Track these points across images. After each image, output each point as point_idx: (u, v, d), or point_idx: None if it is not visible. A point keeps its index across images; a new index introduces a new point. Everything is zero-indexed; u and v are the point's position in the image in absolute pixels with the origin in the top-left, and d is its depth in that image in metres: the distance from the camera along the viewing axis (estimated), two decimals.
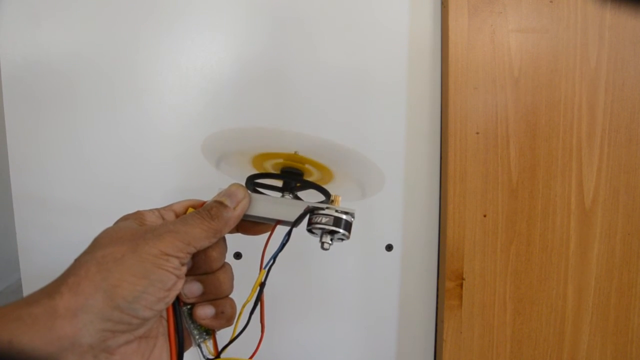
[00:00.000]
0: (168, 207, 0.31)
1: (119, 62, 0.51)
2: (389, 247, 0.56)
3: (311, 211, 0.31)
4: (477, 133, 0.52)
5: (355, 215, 0.32)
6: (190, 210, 0.31)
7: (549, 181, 0.53)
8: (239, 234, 0.34)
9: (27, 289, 0.51)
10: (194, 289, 0.30)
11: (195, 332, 0.31)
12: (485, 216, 0.52)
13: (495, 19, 0.51)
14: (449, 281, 0.53)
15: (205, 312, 0.30)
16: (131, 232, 0.27)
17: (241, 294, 0.32)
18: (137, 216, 0.29)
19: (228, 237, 0.32)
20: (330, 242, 0.31)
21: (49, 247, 0.52)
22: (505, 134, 0.52)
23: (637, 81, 0.53)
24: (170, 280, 0.26)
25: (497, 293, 0.53)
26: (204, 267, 0.30)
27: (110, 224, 0.29)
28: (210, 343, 0.32)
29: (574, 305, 0.54)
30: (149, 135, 0.52)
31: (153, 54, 0.52)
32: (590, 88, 0.52)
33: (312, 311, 0.56)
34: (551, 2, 0.51)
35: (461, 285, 0.53)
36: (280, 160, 0.33)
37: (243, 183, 0.33)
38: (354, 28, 0.53)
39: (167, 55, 0.52)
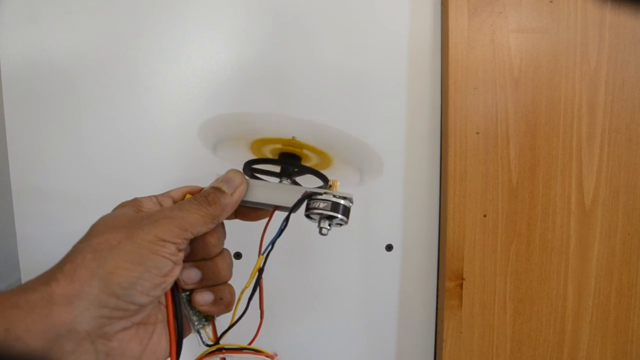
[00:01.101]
0: (166, 194, 0.31)
1: (119, 61, 0.51)
2: (389, 247, 0.56)
3: (309, 196, 0.31)
4: (477, 133, 0.52)
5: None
6: (188, 196, 0.31)
7: (549, 181, 0.53)
8: (238, 220, 0.34)
9: None
10: (192, 275, 0.30)
11: (194, 318, 0.31)
12: (485, 216, 0.52)
13: (495, 19, 0.51)
14: (449, 281, 0.53)
15: (204, 298, 0.30)
16: (127, 219, 0.27)
17: (241, 290, 0.32)
18: (135, 203, 0.29)
19: (229, 236, 0.32)
20: (328, 227, 0.31)
21: (48, 240, 0.52)
22: (505, 134, 0.52)
23: (637, 81, 0.53)
24: (167, 266, 0.26)
25: (497, 293, 0.53)
26: (202, 253, 0.30)
27: None
28: (209, 329, 0.32)
29: (574, 305, 0.54)
30: (148, 131, 0.52)
31: (153, 53, 0.52)
32: (590, 88, 0.52)
33: (312, 311, 0.56)
34: (551, 2, 0.51)
35: (461, 285, 0.53)
36: (278, 146, 0.33)
37: (240, 169, 0.33)
38: (354, 28, 0.53)
39: (167, 54, 0.52)
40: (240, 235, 0.35)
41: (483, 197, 0.52)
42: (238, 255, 0.53)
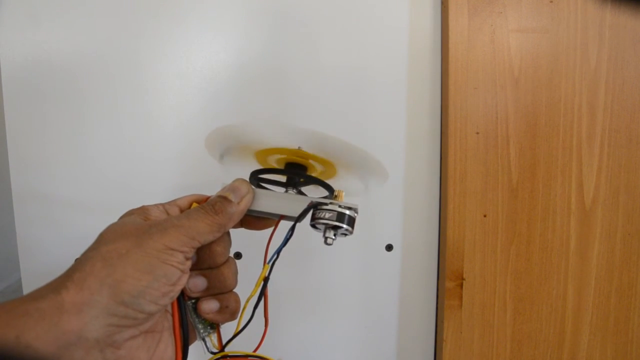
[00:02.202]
0: (172, 202, 0.31)
1: (120, 62, 0.51)
2: (389, 247, 0.56)
3: (315, 206, 0.31)
4: (477, 133, 0.52)
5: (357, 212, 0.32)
6: (195, 205, 0.31)
7: (549, 181, 0.53)
8: (243, 229, 0.34)
9: (27, 286, 0.51)
10: (199, 283, 0.30)
11: (200, 326, 0.31)
12: (485, 216, 0.52)
13: (495, 19, 0.51)
14: (449, 281, 0.53)
15: (209, 306, 0.30)
16: (136, 227, 0.27)
17: (243, 293, 0.32)
18: (142, 211, 0.30)
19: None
20: (333, 237, 0.31)
21: (49, 244, 0.52)
22: (505, 134, 0.52)
23: (637, 81, 0.53)
24: (175, 275, 0.26)
25: (497, 293, 0.53)
26: (209, 261, 0.30)
27: (112, 220, 0.29)
28: (214, 337, 0.32)
29: (574, 305, 0.54)
30: (150, 133, 0.52)
31: (153, 54, 0.52)
32: (590, 88, 0.52)
33: (312, 311, 0.56)
34: (551, 2, 0.51)
35: (461, 285, 0.53)
36: (284, 156, 0.33)
37: (247, 178, 0.33)
38: (354, 28, 0.53)
39: (168, 55, 0.52)
40: (241, 235, 0.35)
41: (483, 197, 0.52)
42: (238, 255, 0.53)
